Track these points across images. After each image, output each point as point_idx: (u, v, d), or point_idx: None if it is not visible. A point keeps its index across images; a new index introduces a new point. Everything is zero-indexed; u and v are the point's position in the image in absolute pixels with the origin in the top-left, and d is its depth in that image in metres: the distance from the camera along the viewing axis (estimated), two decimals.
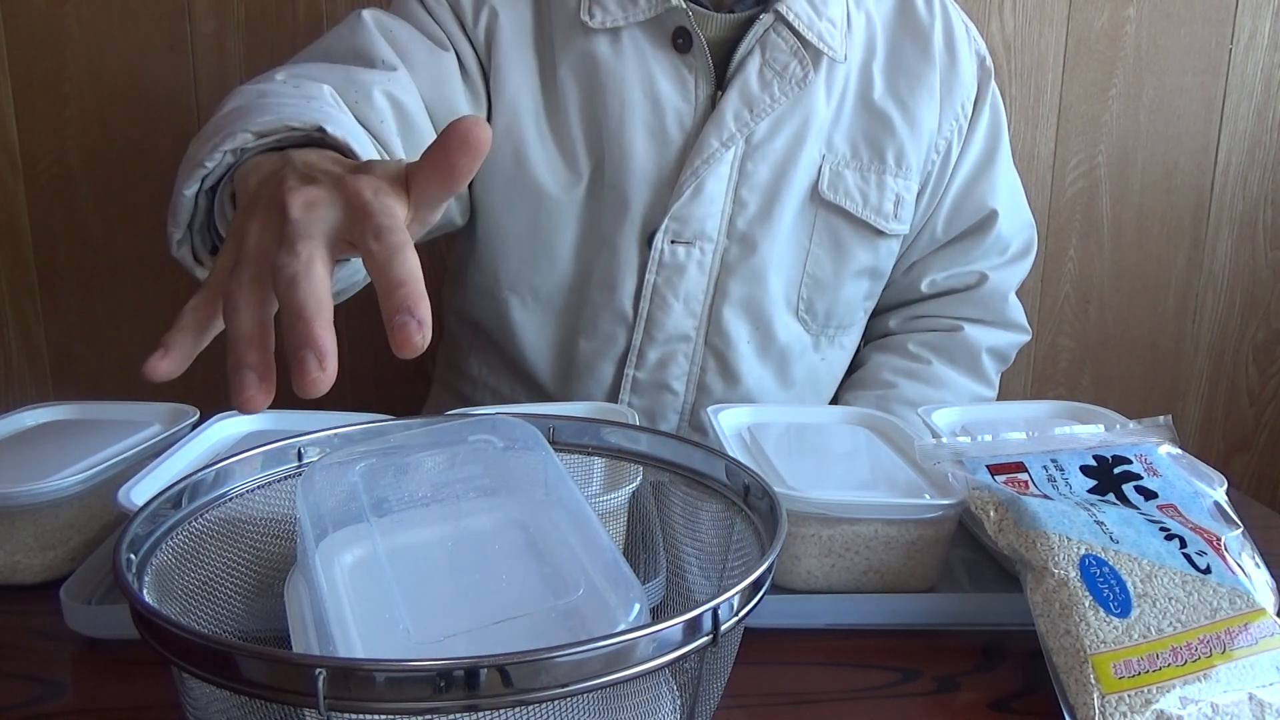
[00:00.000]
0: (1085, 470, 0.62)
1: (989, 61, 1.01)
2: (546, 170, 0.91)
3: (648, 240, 0.91)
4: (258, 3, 1.27)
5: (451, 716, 0.36)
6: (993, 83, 1.01)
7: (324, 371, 0.39)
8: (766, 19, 0.88)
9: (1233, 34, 1.39)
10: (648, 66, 0.89)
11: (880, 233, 0.96)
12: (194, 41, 1.28)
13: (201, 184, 0.64)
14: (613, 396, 0.96)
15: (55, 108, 1.29)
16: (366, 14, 0.88)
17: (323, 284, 0.42)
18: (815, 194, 0.93)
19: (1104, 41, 1.38)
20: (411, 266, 0.42)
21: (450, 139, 0.44)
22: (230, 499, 0.51)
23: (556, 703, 0.38)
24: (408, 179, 0.47)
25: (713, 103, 0.90)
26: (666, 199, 0.90)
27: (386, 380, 1.41)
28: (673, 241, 0.90)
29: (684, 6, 0.87)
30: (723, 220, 0.91)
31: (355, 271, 0.72)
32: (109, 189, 1.32)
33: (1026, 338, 1.07)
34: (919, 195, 0.98)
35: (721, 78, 0.90)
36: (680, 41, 0.89)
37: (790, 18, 0.88)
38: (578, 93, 0.90)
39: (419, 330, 0.40)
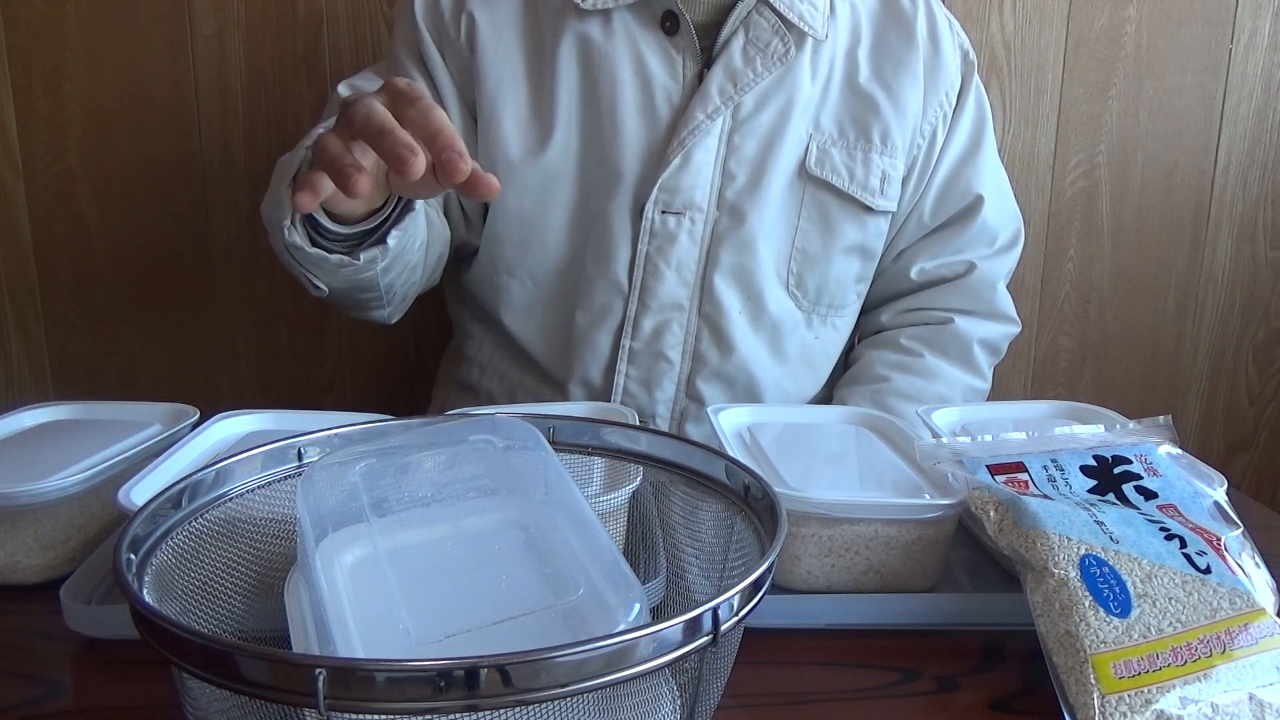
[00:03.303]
0: (1085, 470, 0.62)
1: (972, 55, 1.04)
2: (532, 152, 0.94)
3: (639, 211, 0.94)
4: (258, 3, 1.27)
5: (451, 716, 0.36)
6: (976, 77, 1.04)
7: (465, 160, 0.58)
8: (749, 1, 0.92)
9: (1233, 34, 1.39)
10: (637, 47, 0.93)
11: (867, 208, 0.98)
12: (194, 41, 1.28)
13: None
14: (610, 368, 0.98)
15: (55, 108, 1.29)
16: (342, 88, 0.96)
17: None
18: (803, 170, 0.96)
19: (1104, 41, 1.38)
20: (441, 120, 0.60)
21: (480, 180, 0.60)
22: (230, 499, 0.51)
23: (556, 703, 0.38)
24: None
25: (699, 80, 0.94)
26: (656, 171, 0.93)
27: (386, 380, 1.41)
28: (663, 211, 0.93)
29: None
30: (712, 191, 0.94)
31: (414, 238, 0.83)
32: (109, 189, 1.32)
33: (1017, 329, 1.08)
34: (906, 179, 1.01)
35: (708, 57, 0.94)
36: (668, 24, 0.93)
37: None
38: (574, 74, 0.94)
39: (461, 159, 0.57)
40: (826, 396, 1.08)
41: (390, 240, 0.78)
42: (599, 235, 0.95)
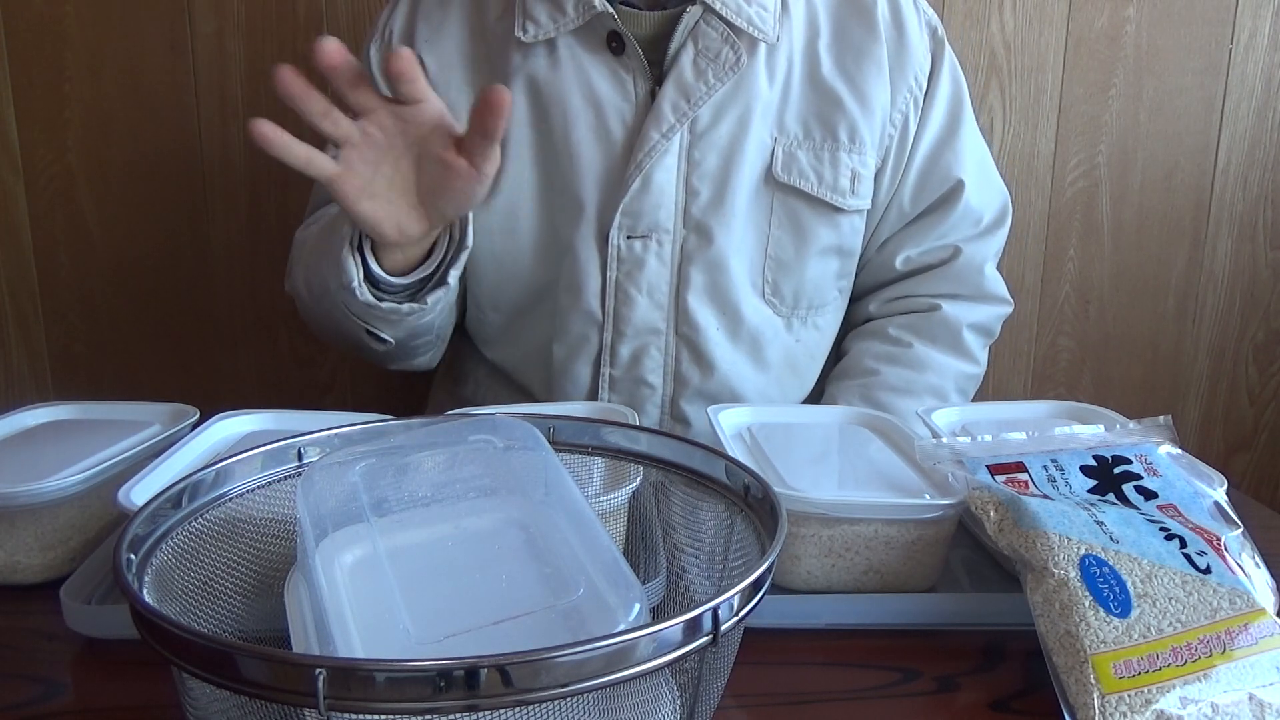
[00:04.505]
0: (1085, 470, 0.62)
1: (941, 31, 1.00)
2: (502, 189, 0.93)
3: (604, 238, 0.92)
4: (258, 3, 1.27)
5: (451, 716, 0.36)
6: (949, 52, 1.00)
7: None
8: (695, 11, 0.89)
9: (1233, 34, 1.39)
10: (585, 72, 0.91)
11: (839, 209, 0.95)
12: (194, 41, 1.28)
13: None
14: (592, 396, 0.97)
15: (55, 108, 1.29)
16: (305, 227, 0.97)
17: None
18: (770, 177, 0.94)
19: (1104, 41, 1.38)
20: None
21: (481, 106, 0.68)
22: (230, 499, 0.51)
23: (556, 703, 0.38)
24: (459, 143, 0.72)
25: (652, 98, 0.91)
26: (617, 196, 0.91)
27: (386, 380, 1.41)
28: (628, 237, 0.92)
29: (610, 11, 0.88)
30: (676, 211, 0.92)
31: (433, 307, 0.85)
32: (109, 189, 1.32)
33: (1009, 309, 1.05)
34: (880, 171, 0.98)
35: (659, 73, 0.91)
36: (614, 45, 0.90)
37: (718, 6, 0.89)
38: (525, 108, 0.92)
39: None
40: (815, 398, 1.06)
41: (450, 278, 0.82)
42: (569, 266, 0.93)
